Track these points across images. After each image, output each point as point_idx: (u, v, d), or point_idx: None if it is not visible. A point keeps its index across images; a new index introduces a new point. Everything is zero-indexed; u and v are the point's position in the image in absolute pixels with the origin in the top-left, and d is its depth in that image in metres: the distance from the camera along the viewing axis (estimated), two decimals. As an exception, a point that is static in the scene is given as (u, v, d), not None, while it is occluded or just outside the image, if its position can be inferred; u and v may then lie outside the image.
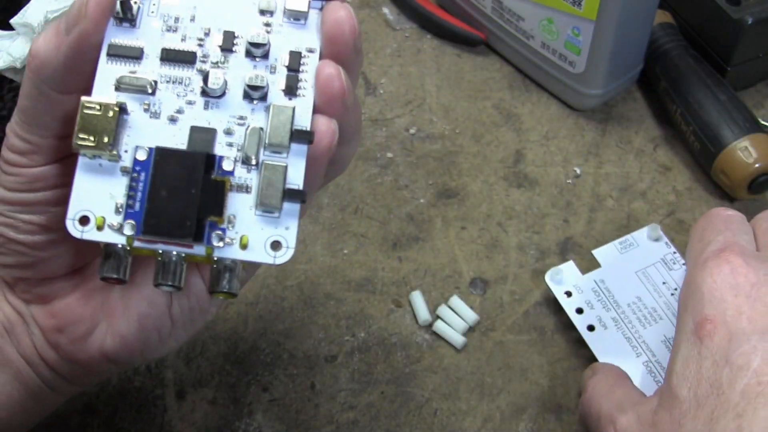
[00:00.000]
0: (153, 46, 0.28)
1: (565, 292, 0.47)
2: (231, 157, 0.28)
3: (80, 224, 0.28)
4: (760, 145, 0.51)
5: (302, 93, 0.28)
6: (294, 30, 0.29)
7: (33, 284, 0.33)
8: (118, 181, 0.28)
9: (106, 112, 0.27)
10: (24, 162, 0.31)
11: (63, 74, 0.29)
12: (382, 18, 0.65)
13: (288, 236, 0.27)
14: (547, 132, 0.58)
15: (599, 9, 0.51)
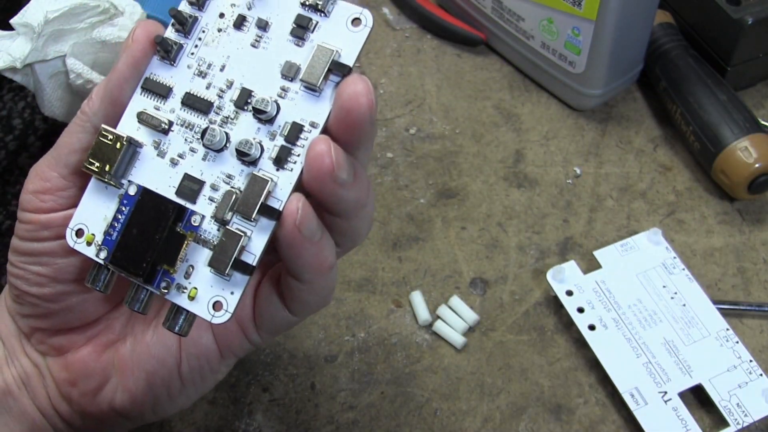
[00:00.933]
0: (181, 87, 0.30)
1: (566, 291, 0.47)
2: (206, 213, 0.29)
3: (76, 236, 0.30)
4: (760, 145, 0.51)
5: (290, 167, 0.29)
6: (308, 99, 0.29)
7: (48, 335, 0.34)
8: (113, 206, 0.30)
9: (115, 143, 0.29)
10: (37, 205, 0.32)
11: (106, 109, 0.30)
12: (382, 18, 0.65)
13: (230, 300, 0.29)
14: (547, 132, 0.58)
15: (599, 9, 0.51)
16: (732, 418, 0.42)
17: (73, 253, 0.32)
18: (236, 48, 0.30)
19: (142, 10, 0.54)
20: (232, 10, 0.31)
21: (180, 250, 0.29)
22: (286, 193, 0.29)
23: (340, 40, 0.29)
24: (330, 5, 0.30)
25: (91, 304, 0.34)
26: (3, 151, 0.56)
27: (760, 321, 0.48)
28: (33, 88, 0.54)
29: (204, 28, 0.31)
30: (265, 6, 0.30)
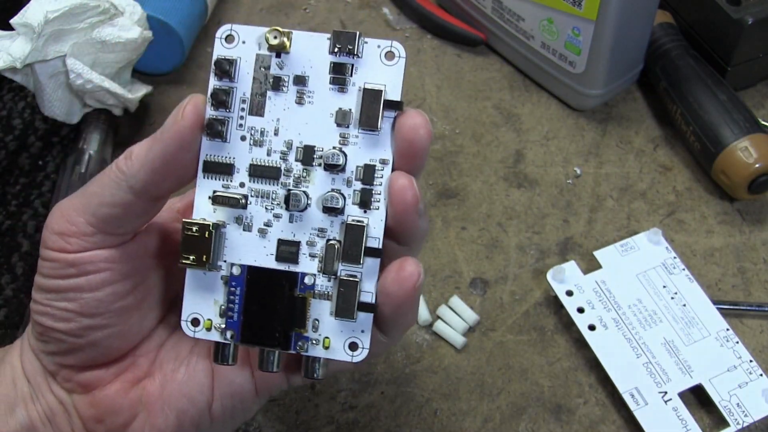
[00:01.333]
0: (242, 160, 0.31)
1: (566, 291, 0.47)
2: (312, 270, 0.31)
3: (192, 325, 0.32)
4: (760, 146, 0.51)
5: (375, 206, 0.30)
6: (369, 140, 0.30)
7: (75, 372, 0.34)
8: (219, 289, 0.31)
9: (203, 233, 0.30)
10: (62, 245, 0.32)
11: (144, 176, 0.30)
12: (382, 18, 0.65)
13: (363, 338, 0.31)
14: (547, 132, 0.58)
15: (599, 9, 0.51)
16: (732, 418, 0.42)
17: (99, 288, 0.32)
18: (282, 109, 0.31)
19: (142, 10, 0.54)
20: (264, 73, 0.31)
21: (306, 312, 0.31)
22: (379, 231, 0.30)
23: (380, 76, 0.30)
24: (360, 45, 0.30)
25: (116, 339, 0.34)
26: (3, 151, 0.56)
27: (760, 321, 0.48)
28: (33, 88, 0.54)
29: (243, 98, 0.31)
30: (296, 62, 0.31)
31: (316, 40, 0.31)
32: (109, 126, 0.56)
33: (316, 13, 0.66)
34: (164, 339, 0.36)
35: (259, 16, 0.66)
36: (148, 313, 0.35)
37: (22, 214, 0.52)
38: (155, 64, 0.59)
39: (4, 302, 0.48)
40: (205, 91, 0.32)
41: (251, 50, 0.31)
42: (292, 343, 0.31)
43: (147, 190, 0.31)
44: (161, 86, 0.60)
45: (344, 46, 0.30)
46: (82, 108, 0.56)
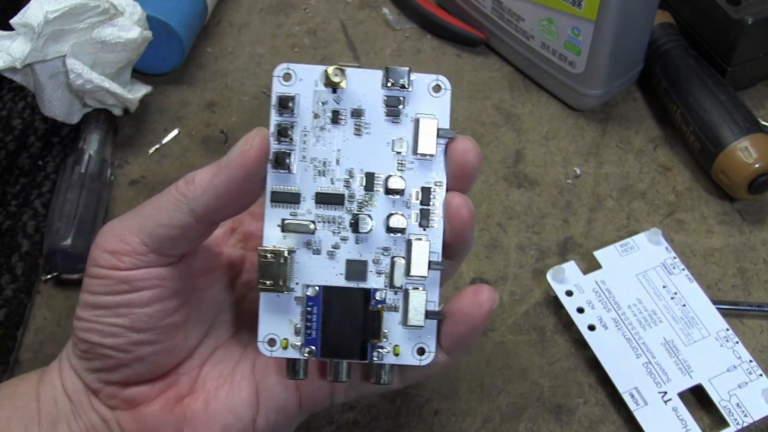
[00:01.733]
0: (308, 189, 0.33)
1: (566, 291, 0.47)
2: (380, 286, 0.33)
3: (269, 345, 0.33)
4: (760, 146, 0.51)
5: (433, 224, 0.33)
6: (424, 165, 0.33)
7: (120, 388, 0.34)
8: (293, 309, 0.33)
9: (278, 258, 0.32)
10: (114, 263, 0.33)
11: (207, 201, 0.32)
12: (382, 18, 0.65)
13: (429, 343, 0.33)
14: (547, 132, 0.58)
15: (599, 9, 0.51)
16: (732, 418, 0.42)
17: (150, 304, 0.33)
18: (342, 140, 0.33)
19: (142, 10, 0.54)
20: (323, 108, 0.33)
21: (381, 324, 0.33)
22: (438, 245, 0.33)
23: (429, 107, 0.33)
24: (409, 80, 0.33)
25: (162, 356, 0.34)
26: (3, 151, 0.56)
27: (760, 321, 0.48)
28: (33, 88, 0.54)
29: (304, 131, 0.33)
30: (351, 97, 0.33)
31: (369, 75, 0.33)
32: (109, 126, 0.56)
33: (316, 13, 0.66)
34: (205, 358, 0.37)
35: (259, 16, 0.66)
36: (192, 332, 0.36)
37: (22, 214, 0.52)
38: (155, 64, 0.59)
39: (4, 302, 0.48)
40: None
41: (309, 87, 0.33)
42: (368, 354, 0.33)
43: (207, 214, 0.32)
44: (161, 86, 0.60)
45: (396, 80, 0.33)
46: (82, 108, 0.56)
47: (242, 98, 0.60)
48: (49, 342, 0.47)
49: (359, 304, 0.33)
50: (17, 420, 0.35)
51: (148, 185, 0.55)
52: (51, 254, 0.48)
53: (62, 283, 0.50)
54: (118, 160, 0.56)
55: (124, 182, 0.55)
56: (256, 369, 0.36)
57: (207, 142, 0.57)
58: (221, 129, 0.58)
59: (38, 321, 0.48)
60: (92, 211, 0.50)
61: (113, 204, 0.54)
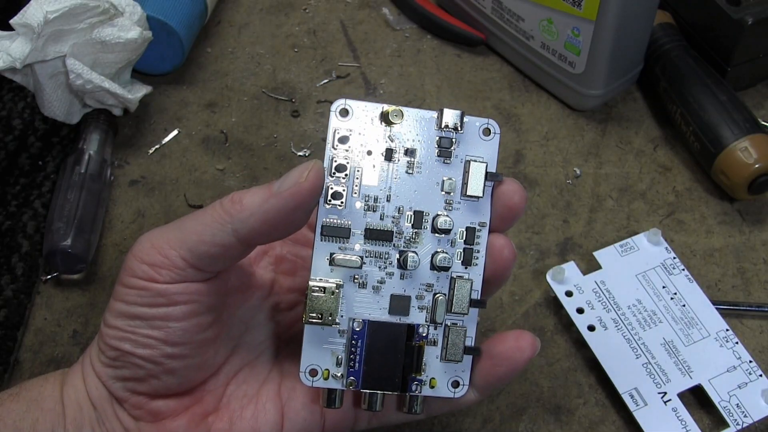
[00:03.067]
0: (358, 224, 0.34)
1: (565, 292, 0.47)
2: (421, 321, 0.34)
3: (310, 375, 0.34)
4: (760, 146, 0.51)
5: (476, 262, 0.34)
6: (470, 206, 0.34)
7: (146, 400, 0.34)
8: (336, 340, 0.34)
9: (329, 294, 0.33)
10: (152, 275, 0.33)
11: (254, 225, 0.32)
12: (382, 18, 0.65)
13: (464, 377, 0.35)
14: (547, 132, 0.58)
15: (599, 9, 0.51)
16: (732, 418, 0.42)
17: (186, 318, 0.33)
18: (394, 178, 0.34)
19: (142, 10, 0.54)
20: (377, 145, 0.34)
21: (422, 358, 0.34)
22: (479, 284, 0.34)
23: (478, 150, 0.34)
24: (461, 122, 0.34)
25: (192, 370, 0.35)
26: (3, 151, 0.56)
27: (760, 321, 0.48)
28: (33, 88, 0.54)
29: (358, 167, 0.34)
30: (405, 135, 0.34)
31: (424, 116, 0.34)
32: (109, 126, 0.56)
33: (316, 13, 0.66)
34: (230, 377, 0.37)
35: (259, 16, 0.66)
36: (221, 348, 0.36)
37: (22, 214, 0.52)
38: (155, 64, 0.59)
39: (4, 303, 0.48)
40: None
41: (365, 124, 0.34)
42: (408, 386, 0.34)
43: (251, 237, 0.32)
44: (161, 86, 0.60)
45: (449, 122, 0.34)
46: (82, 108, 0.56)
47: (242, 98, 0.60)
48: (49, 342, 0.47)
49: (402, 338, 0.34)
50: (44, 423, 0.35)
51: (148, 185, 0.55)
52: (51, 254, 0.48)
53: (62, 284, 0.50)
54: (118, 160, 0.56)
55: (124, 182, 0.55)
56: (282, 392, 0.36)
57: (207, 142, 0.57)
58: (221, 129, 0.58)
59: (38, 321, 0.48)
60: (92, 212, 0.50)
61: (113, 204, 0.54)
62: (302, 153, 0.57)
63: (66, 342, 0.47)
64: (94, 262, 0.51)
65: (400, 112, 0.34)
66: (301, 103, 0.60)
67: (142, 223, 0.53)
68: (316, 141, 0.57)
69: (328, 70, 0.62)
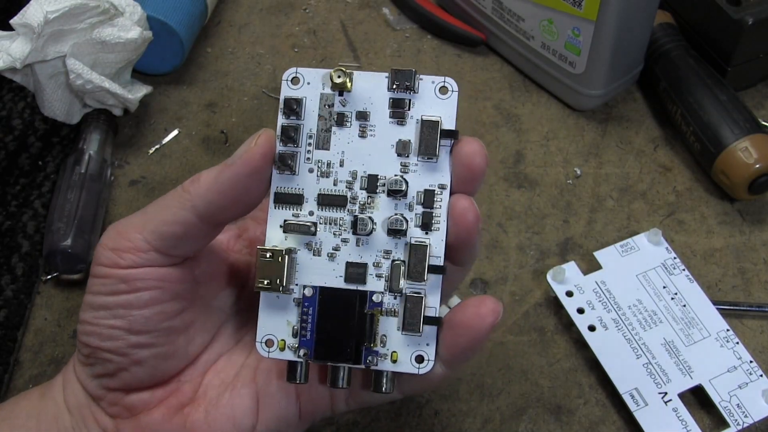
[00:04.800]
0: (311, 191, 0.33)
1: (566, 292, 0.47)
2: (379, 289, 0.33)
3: (266, 346, 0.33)
4: (760, 146, 0.51)
5: (436, 227, 0.32)
6: (428, 167, 0.33)
7: (121, 395, 0.34)
8: (292, 310, 0.33)
9: (276, 258, 0.32)
10: (115, 260, 0.33)
11: (211, 198, 0.32)
12: (382, 18, 0.65)
13: (429, 351, 0.32)
14: (548, 132, 0.58)
15: (599, 9, 0.51)
16: (732, 418, 0.42)
17: (148, 306, 0.33)
18: (347, 142, 0.33)
19: (142, 10, 0.54)
20: (329, 110, 0.33)
21: (375, 327, 0.33)
22: (441, 249, 0.32)
23: (436, 109, 0.33)
24: (416, 82, 0.33)
25: (161, 361, 0.34)
26: (3, 151, 0.56)
27: (761, 321, 0.48)
28: (33, 88, 0.54)
29: (310, 133, 0.33)
30: (357, 99, 0.33)
31: (376, 78, 0.33)
32: (109, 126, 0.56)
33: (316, 13, 0.66)
34: (208, 366, 0.36)
35: (259, 16, 0.66)
36: (195, 338, 0.36)
37: (22, 214, 0.52)
38: (155, 64, 0.59)
39: (4, 303, 0.48)
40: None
41: (316, 90, 0.33)
42: (363, 358, 0.33)
43: (211, 213, 0.32)
44: (161, 86, 0.60)
45: (402, 82, 0.33)
46: (82, 108, 0.56)
47: (242, 98, 0.60)
48: (49, 342, 0.47)
49: (354, 306, 0.33)
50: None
51: (148, 185, 0.55)
52: (51, 255, 0.48)
53: (62, 284, 0.50)
54: (118, 160, 0.56)
55: (124, 182, 0.55)
56: (257, 376, 0.35)
57: (207, 142, 0.57)
58: (221, 129, 0.58)
59: (38, 321, 0.48)
60: (92, 212, 0.50)
61: (113, 204, 0.54)
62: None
63: (66, 342, 0.47)
64: (94, 262, 0.51)
65: (343, 72, 0.32)
66: (301, 103, 0.60)
67: (142, 223, 0.53)
68: (316, 141, 0.57)
69: (328, 70, 0.62)
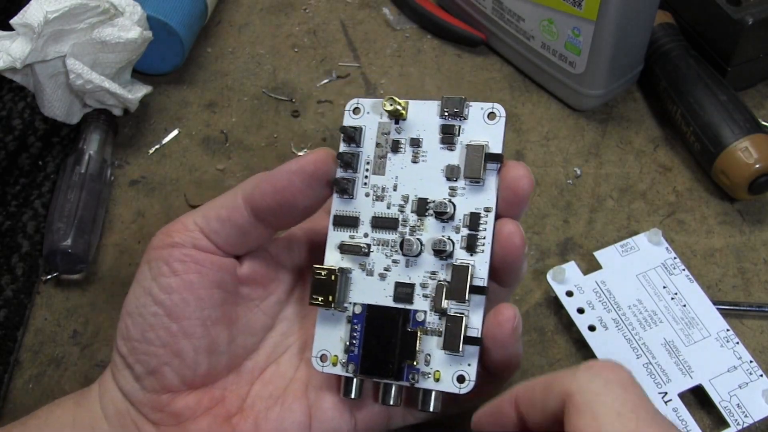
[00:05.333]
0: (366, 214, 0.35)
1: (566, 292, 0.47)
2: (424, 308, 0.34)
3: (321, 361, 0.35)
4: (760, 146, 0.50)
5: (481, 249, 0.33)
6: (474, 191, 0.34)
7: (164, 401, 0.34)
8: (345, 327, 0.35)
9: (330, 276, 0.34)
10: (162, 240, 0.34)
11: (263, 188, 0.34)
12: (382, 18, 0.65)
13: (470, 371, 0.33)
14: (548, 132, 0.58)
15: (599, 9, 0.51)
16: (732, 418, 0.42)
17: (188, 289, 0.34)
18: (400, 168, 0.35)
19: (142, 10, 0.54)
20: (385, 138, 0.35)
21: (416, 345, 0.33)
22: (484, 271, 0.33)
23: (484, 134, 0.34)
24: (465, 109, 0.34)
25: (202, 354, 0.34)
26: (3, 151, 0.56)
27: (761, 321, 0.48)
28: (33, 88, 0.54)
29: (367, 160, 0.35)
30: (411, 126, 0.35)
31: (429, 106, 0.35)
32: (109, 126, 0.56)
33: (316, 13, 0.66)
34: (255, 376, 0.36)
35: (259, 16, 0.66)
36: (237, 338, 0.36)
37: (22, 214, 0.52)
38: (155, 64, 0.59)
39: (4, 303, 0.48)
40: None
41: (374, 119, 0.35)
42: (404, 375, 0.33)
43: (257, 203, 0.34)
44: (161, 86, 0.60)
45: (451, 109, 0.34)
46: (82, 108, 0.56)
47: (242, 98, 0.60)
48: (49, 342, 0.47)
49: (398, 324, 0.34)
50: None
51: (148, 185, 0.55)
52: (51, 254, 0.48)
53: (62, 284, 0.50)
54: (118, 160, 0.56)
55: (124, 182, 0.55)
56: (309, 391, 0.36)
57: (207, 142, 0.57)
58: (221, 129, 0.58)
59: (38, 321, 0.48)
60: (92, 212, 0.50)
61: (113, 204, 0.54)
62: (302, 153, 0.57)
63: (66, 342, 0.47)
64: (94, 262, 0.51)
65: (393, 101, 0.34)
66: (301, 103, 0.60)
67: (142, 223, 0.53)
68: (316, 141, 0.57)
69: (329, 70, 0.62)
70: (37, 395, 0.45)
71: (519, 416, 0.30)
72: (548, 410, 0.28)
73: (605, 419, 0.24)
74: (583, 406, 0.25)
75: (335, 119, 0.59)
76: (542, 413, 0.28)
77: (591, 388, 0.26)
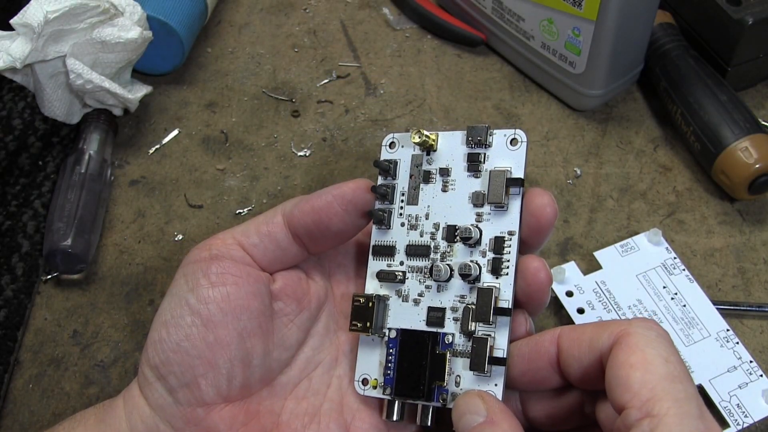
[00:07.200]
0: (401, 242, 0.37)
1: (566, 292, 0.47)
2: (454, 331, 0.35)
3: (362, 384, 0.36)
4: (760, 146, 0.50)
5: (505, 272, 0.34)
6: (499, 216, 0.35)
7: (199, 415, 0.34)
8: (383, 351, 0.36)
9: (367, 303, 0.36)
10: (200, 254, 0.35)
11: (301, 207, 0.35)
12: (382, 18, 0.65)
13: (497, 391, 0.33)
14: (548, 132, 0.58)
15: (599, 9, 0.51)
16: (732, 418, 0.42)
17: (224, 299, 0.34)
18: (432, 197, 0.36)
19: (142, 10, 0.54)
20: (418, 170, 0.37)
21: (445, 366, 0.34)
22: (509, 293, 0.34)
23: (507, 160, 0.35)
24: (489, 137, 0.35)
25: (237, 365, 0.34)
26: (3, 151, 0.56)
27: (761, 321, 0.48)
28: (33, 88, 0.54)
29: (402, 191, 0.37)
30: (440, 157, 0.37)
31: (456, 137, 0.36)
32: (109, 126, 0.56)
33: (316, 13, 0.66)
34: (288, 391, 0.36)
35: (259, 16, 0.66)
36: (272, 352, 0.36)
37: (22, 214, 0.52)
38: (155, 64, 0.59)
39: (4, 303, 0.48)
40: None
41: (408, 152, 0.37)
42: (435, 396, 0.34)
43: (296, 222, 0.35)
44: (161, 86, 0.60)
45: (475, 138, 0.35)
46: (82, 108, 0.56)
47: (242, 98, 0.60)
48: (49, 342, 0.47)
49: (426, 346, 0.35)
50: None
51: (148, 185, 0.55)
52: (51, 254, 0.48)
53: (62, 284, 0.50)
54: (118, 160, 0.56)
55: (124, 182, 0.55)
56: (344, 411, 0.36)
57: (207, 142, 0.57)
58: (221, 129, 0.58)
59: (38, 321, 0.48)
60: (92, 212, 0.50)
61: (113, 204, 0.54)
62: (302, 153, 0.57)
63: (66, 342, 0.47)
64: (94, 262, 0.51)
65: (421, 133, 0.36)
66: (301, 103, 0.60)
67: (142, 223, 0.53)
68: (316, 141, 0.57)
69: (329, 70, 0.62)
70: (37, 395, 0.45)
71: (556, 354, 0.32)
72: (595, 347, 0.30)
73: (655, 360, 0.28)
74: (636, 347, 0.28)
75: (335, 119, 0.59)
76: (589, 349, 0.30)
77: (646, 334, 0.29)
